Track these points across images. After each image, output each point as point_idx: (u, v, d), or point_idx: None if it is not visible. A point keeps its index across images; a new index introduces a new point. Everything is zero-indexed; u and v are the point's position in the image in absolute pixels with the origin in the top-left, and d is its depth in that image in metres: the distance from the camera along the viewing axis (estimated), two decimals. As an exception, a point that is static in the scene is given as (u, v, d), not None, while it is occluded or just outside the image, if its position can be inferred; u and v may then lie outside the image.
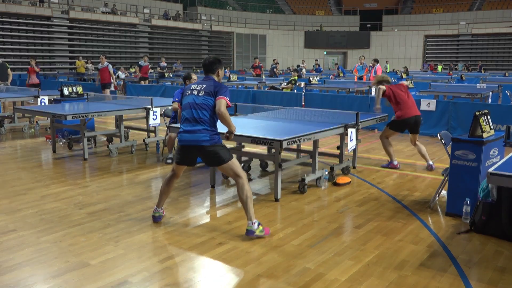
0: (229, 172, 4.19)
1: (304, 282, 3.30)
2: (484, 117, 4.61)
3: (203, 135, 4.08)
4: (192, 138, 4.10)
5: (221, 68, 4.33)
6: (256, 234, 4.05)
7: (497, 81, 16.43)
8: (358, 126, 5.91)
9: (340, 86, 14.94)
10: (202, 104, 4.11)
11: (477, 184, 4.44)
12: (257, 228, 4.06)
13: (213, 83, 4.19)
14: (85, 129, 7.33)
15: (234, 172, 4.17)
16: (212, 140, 4.10)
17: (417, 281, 3.33)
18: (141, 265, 3.56)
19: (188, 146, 4.17)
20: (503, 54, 36.43)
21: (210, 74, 4.30)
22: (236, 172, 4.17)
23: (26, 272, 3.43)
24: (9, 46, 25.19)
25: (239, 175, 4.15)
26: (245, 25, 40.97)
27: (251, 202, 4.12)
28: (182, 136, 4.17)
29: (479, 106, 9.28)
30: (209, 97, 4.12)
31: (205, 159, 4.25)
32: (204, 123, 4.10)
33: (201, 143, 4.08)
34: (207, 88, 4.16)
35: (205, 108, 4.11)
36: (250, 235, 4.06)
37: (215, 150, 4.12)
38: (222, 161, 4.14)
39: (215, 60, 4.33)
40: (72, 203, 5.06)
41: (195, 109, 4.13)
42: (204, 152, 4.14)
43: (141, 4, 33.46)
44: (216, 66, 4.30)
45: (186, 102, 4.22)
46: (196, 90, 4.19)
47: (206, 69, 4.30)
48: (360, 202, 5.17)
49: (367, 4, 44.36)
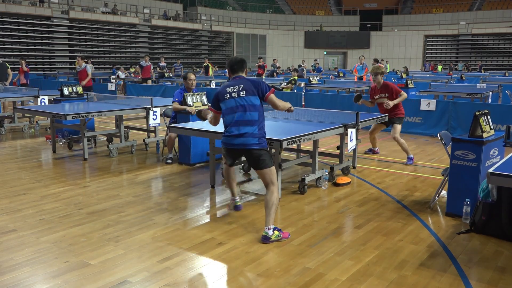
0: (266, 177, 4.17)
1: (304, 282, 3.30)
2: (484, 117, 4.61)
3: (251, 138, 4.09)
4: (241, 142, 4.11)
5: (247, 66, 4.42)
6: (273, 240, 3.98)
7: (497, 81, 16.43)
8: (358, 126, 5.90)
9: (340, 86, 14.95)
10: (248, 105, 4.11)
11: (477, 184, 4.43)
12: (273, 234, 4.00)
13: (249, 81, 4.21)
14: (85, 129, 7.33)
15: (270, 179, 4.16)
16: (260, 144, 4.12)
17: (417, 281, 3.33)
18: (141, 265, 3.56)
19: (236, 149, 4.21)
20: (503, 54, 36.45)
21: (239, 73, 4.30)
22: (272, 179, 4.17)
23: (26, 272, 3.43)
24: (9, 46, 25.20)
25: (274, 183, 4.17)
26: (245, 25, 40.98)
27: (275, 210, 4.08)
28: (230, 140, 4.16)
29: (479, 106, 9.28)
30: (253, 96, 4.13)
31: (250, 161, 4.26)
32: (253, 125, 4.10)
33: (250, 146, 4.09)
34: (245, 87, 4.15)
35: (251, 109, 4.11)
36: (265, 241, 3.97)
37: (261, 154, 4.12)
38: (265, 165, 4.14)
39: (242, 59, 4.42)
40: (72, 203, 5.07)
41: (242, 111, 4.10)
42: (251, 155, 4.15)
43: (141, 4, 33.48)
44: (245, 65, 4.37)
45: (229, 106, 4.15)
46: (235, 92, 4.16)
47: (235, 68, 4.30)
48: (360, 202, 5.17)
49: (367, 4, 44.37)
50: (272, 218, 4.04)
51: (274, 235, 4.00)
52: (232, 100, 4.14)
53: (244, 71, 4.34)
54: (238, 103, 4.12)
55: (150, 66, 18.32)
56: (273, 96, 4.22)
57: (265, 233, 4.00)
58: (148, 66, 18.03)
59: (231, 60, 4.36)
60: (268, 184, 4.18)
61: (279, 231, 4.05)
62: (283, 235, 4.06)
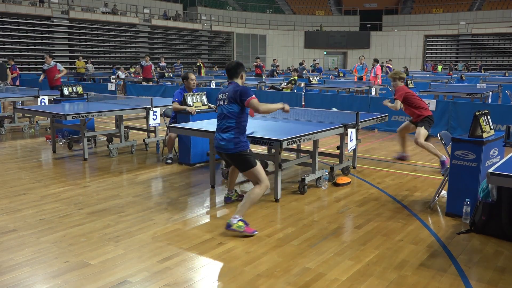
0: (251, 178, 4.41)
1: (304, 282, 3.30)
2: (484, 117, 4.61)
3: (228, 143, 4.30)
4: (221, 146, 4.36)
5: (244, 71, 4.45)
6: (233, 228, 4.12)
7: (497, 81, 16.43)
8: (358, 126, 5.90)
9: (340, 86, 14.95)
10: (228, 113, 4.31)
11: (477, 184, 4.43)
12: (236, 223, 4.12)
13: (233, 88, 4.30)
14: (85, 129, 7.33)
15: (255, 179, 4.35)
16: (237, 148, 4.29)
17: (417, 281, 3.33)
18: (141, 265, 3.56)
19: (220, 152, 4.48)
20: (503, 54, 36.45)
21: (234, 78, 4.40)
22: (258, 178, 4.32)
23: (26, 272, 3.43)
24: (9, 46, 25.20)
25: (259, 182, 4.32)
26: (245, 25, 40.98)
27: (250, 204, 4.27)
28: (216, 143, 4.45)
29: (479, 106, 9.28)
30: (233, 104, 4.28)
31: (233, 164, 4.58)
32: (230, 131, 4.30)
33: (228, 151, 4.33)
34: (229, 95, 4.30)
35: (230, 117, 4.30)
36: (227, 228, 4.14)
37: (241, 157, 4.32)
38: (246, 167, 4.33)
39: (238, 64, 4.46)
40: (72, 203, 5.07)
41: (224, 118, 4.35)
42: (231, 158, 4.42)
43: (141, 4, 33.48)
44: (240, 70, 4.41)
45: (218, 112, 4.46)
46: (222, 100, 4.39)
47: (230, 74, 4.41)
48: (360, 202, 5.17)
49: (367, 4, 44.37)
50: (242, 211, 4.21)
51: (236, 224, 4.12)
52: (220, 107, 4.42)
53: (239, 76, 4.41)
54: (222, 110, 4.37)
55: (151, 66, 18.09)
56: (254, 101, 4.23)
57: (229, 220, 4.16)
58: (148, 66, 17.87)
59: (227, 66, 4.48)
60: (254, 183, 4.40)
61: (244, 224, 4.16)
62: (246, 228, 4.16)
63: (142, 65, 18.31)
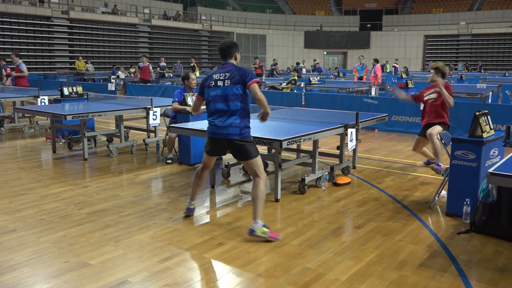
0: (251, 168, 4.16)
1: (304, 282, 3.30)
2: (484, 117, 4.61)
3: (233, 129, 4.06)
4: (223, 131, 4.08)
5: (238, 51, 4.25)
6: (257, 234, 3.97)
7: (497, 81, 16.42)
8: (358, 126, 5.90)
9: (340, 86, 14.95)
10: (232, 94, 4.05)
11: (477, 184, 4.43)
12: (259, 228, 3.98)
13: (236, 70, 4.10)
14: (85, 129, 7.33)
15: (255, 170, 4.13)
16: (242, 135, 4.09)
17: (417, 281, 3.33)
18: (141, 265, 3.56)
19: (218, 139, 4.15)
20: (503, 54, 36.44)
21: (228, 59, 4.20)
22: (258, 170, 4.13)
23: (26, 272, 3.43)
24: (9, 46, 25.18)
25: (259, 174, 4.13)
26: (245, 25, 40.98)
27: (263, 203, 4.07)
28: (213, 129, 4.14)
29: (479, 106, 9.28)
30: (237, 85, 4.04)
31: (233, 152, 4.23)
32: (235, 114, 4.06)
33: (231, 136, 4.07)
34: (231, 75, 4.07)
35: (234, 99, 4.05)
36: (251, 235, 4.00)
37: (245, 145, 4.10)
38: (248, 156, 4.12)
39: (232, 43, 4.27)
40: (72, 203, 5.06)
41: (225, 100, 4.06)
42: (233, 146, 4.12)
43: (141, 4, 33.47)
44: (234, 50, 4.20)
45: (213, 94, 4.11)
46: (221, 80, 4.10)
47: (223, 53, 4.20)
48: (360, 203, 5.17)
49: (367, 4, 44.36)
50: (260, 213, 4.02)
51: (260, 230, 3.97)
52: (218, 88, 4.10)
53: (233, 56, 4.20)
54: (223, 92, 4.07)
55: (149, 67, 17.66)
56: (255, 86, 4.06)
57: (251, 226, 3.99)
58: (146, 66, 17.44)
59: (220, 44, 4.26)
60: (254, 176, 4.16)
61: (267, 229, 4.02)
62: (270, 234, 4.01)
63: (139, 66, 17.87)
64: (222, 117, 4.08)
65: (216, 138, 4.17)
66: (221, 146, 4.23)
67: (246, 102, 4.12)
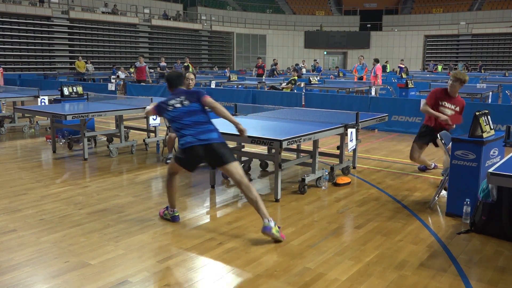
0: (234, 173, 4.15)
1: (304, 282, 3.30)
2: (484, 117, 4.61)
3: (212, 133, 4.19)
4: (204, 137, 4.14)
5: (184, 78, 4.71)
6: (272, 232, 3.92)
7: (497, 81, 16.42)
8: (358, 126, 5.90)
9: (340, 86, 14.95)
10: (194, 110, 4.27)
11: (477, 184, 4.43)
12: (275, 227, 3.96)
13: (187, 92, 4.43)
14: (85, 129, 7.33)
15: (239, 174, 4.14)
16: (220, 139, 4.23)
17: (417, 281, 3.33)
18: (141, 265, 3.56)
19: (197, 146, 4.12)
20: (503, 54, 36.44)
21: (179, 86, 4.52)
22: (241, 174, 4.16)
23: (26, 272, 3.43)
24: (9, 46, 25.20)
25: (243, 177, 4.15)
26: (245, 25, 40.98)
27: (262, 202, 4.08)
28: (191, 138, 4.14)
29: (479, 106, 9.27)
30: (195, 103, 4.30)
31: (212, 159, 4.22)
32: (207, 123, 4.26)
33: (213, 141, 4.14)
34: (186, 97, 4.34)
35: (198, 113, 4.28)
36: (267, 231, 3.93)
37: (225, 148, 4.21)
38: (227, 160, 4.15)
39: (179, 74, 4.67)
40: (72, 203, 5.06)
41: (192, 115, 4.25)
42: (213, 150, 4.13)
43: (141, 4, 33.48)
44: (182, 78, 4.61)
45: (177, 113, 4.27)
46: (179, 102, 4.32)
47: (175, 83, 4.50)
48: (360, 202, 5.17)
49: (367, 4, 44.37)
50: (265, 211, 4.04)
51: (275, 228, 3.95)
52: (177, 110, 4.29)
53: (183, 84, 4.62)
54: (185, 110, 4.27)
55: (145, 67, 17.19)
56: (208, 98, 4.30)
57: (266, 223, 3.95)
58: (142, 67, 17.02)
59: (169, 76, 4.57)
60: (239, 181, 4.14)
61: (279, 229, 4.03)
62: (281, 234, 4.03)
63: (136, 66, 17.51)
64: (197, 126, 4.21)
65: (194, 146, 4.13)
66: (198, 155, 4.17)
67: (208, 115, 4.35)
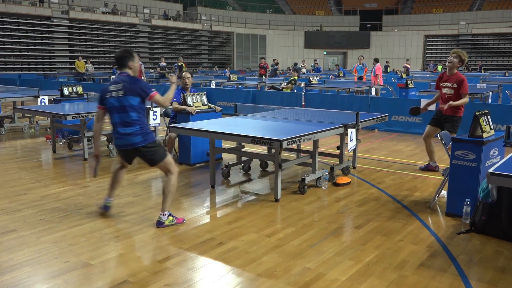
0: (163, 169, 4.37)
1: (304, 282, 3.30)
2: (484, 117, 4.61)
3: (135, 137, 4.19)
4: (127, 142, 4.21)
5: (132, 60, 4.29)
6: (166, 224, 4.28)
7: (497, 81, 16.42)
8: (358, 126, 5.90)
9: (340, 86, 14.95)
10: (127, 106, 4.15)
11: (477, 184, 4.43)
12: (167, 219, 4.28)
13: (129, 81, 4.19)
14: (85, 129, 7.33)
15: (167, 169, 4.34)
16: (146, 141, 4.22)
17: (417, 281, 3.33)
18: (141, 265, 3.56)
19: (126, 150, 4.30)
20: (503, 54, 36.44)
21: (123, 68, 4.29)
22: (169, 169, 4.33)
23: (26, 272, 3.43)
24: (9, 46, 25.20)
25: (172, 171, 4.33)
26: (245, 25, 40.97)
27: (171, 197, 4.35)
28: (117, 141, 4.28)
29: (479, 106, 9.27)
30: (131, 97, 4.15)
31: (143, 159, 4.36)
32: (134, 125, 4.18)
33: (137, 145, 4.20)
34: (125, 87, 4.16)
35: (130, 110, 4.17)
36: (160, 226, 4.26)
37: (150, 150, 4.25)
38: (158, 160, 4.29)
39: (125, 53, 4.30)
40: (72, 203, 5.06)
41: (122, 112, 4.17)
42: (140, 153, 4.28)
43: (141, 4, 33.47)
44: (127, 60, 4.26)
45: (110, 105, 4.22)
46: (115, 91, 4.19)
47: (118, 63, 4.32)
48: (360, 202, 5.17)
49: (367, 4, 44.36)
50: (168, 205, 4.31)
51: (168, 220, 4.24)
52: (113, 99, 4.20)
53: (127, 65, 4.26)
54: (118, 103, 4.18)
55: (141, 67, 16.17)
56: (157, 96, 4.26)
57: (159, 218, 4.28)
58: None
59: (116, 55, 4.34)
60: (166, 173, 4.36)
61: (173, 217, 4.34)
62: (177, 220, 4.30)
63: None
64: (123, 128, 4.19)
65: (123, 150, 4.31)
66: (130, 155, 4.38)
67: (142, 113, 4.27)
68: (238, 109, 6.80)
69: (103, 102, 4.28)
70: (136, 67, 4.32)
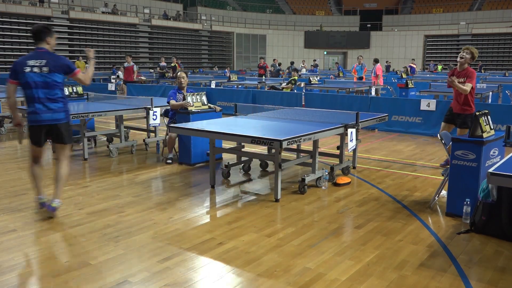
0: (64, 152, 4.55)
1: (304, 282, 3.30)
2: (484, 117, 4.61)
3: (59, 114, 4.32)
4: (49, 117, 4.28)
5: (50, 36, 4.36)
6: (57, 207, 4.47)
7: (497, 81, 16.41)
8: (358, 126, 5.90)
9: (340, 86, 14.94)
10: (51, 83, 4.24)
11: (477, 184, 4.43)
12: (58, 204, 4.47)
13: (52, 57, 4.30)
14: (85, 129, 7.33)
15: (67, 154, 4.57)
16: (67, 119, 4.40)
17: (417, 281, 3.33)
18: (141, 265, 3.56)
19: (43, 126, 4.31)
20: (503, 54, 36.44)
21: (42, 44, 4.32)
22: (67, 154, 4.59)
23: (26, 272, 3.43)
24: (9, 46, 25.20)
25: (67, 157, 4.59)
26: (245, 25, 40.99)
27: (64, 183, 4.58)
28: (39, 116, 4.27)
29: (479, 106, 9.26)
30: (57, 74, 4.26)
31: (55, 135, 4.45)
32: (58, 101, 4.31)
33: (59, 121, 4.32)
34: (49, 63, 4.23)
35: (55, 87, 4.27)
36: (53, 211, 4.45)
37: (68, 130, 4.44)
38: (68, 140, 4.51)
39: (44, 28, 4.37)
40: (72, 203, 5.06)
41: (46, 88, 4.24)
42: (58, 129, 4.39)
43: (141, 4, 33.48)
44: (45, 35, 4.33)
45: (29, 80, 4.21)
46: (37, 67, 4.22)
47: (34, 38, 4.34)
48: (360, 202, 5.17)
49: (367, 4, 44.38)
50: (61, 193, 4.54)
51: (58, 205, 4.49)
52: (34, 74, 4.20)
53: (45, 40, 4.32)
54: (41, 79, 4.21)
55: (133, 67, 16.37)
56: (80, 74, 4.44)
57: (53, 204, 4.42)
58: (130, 67, 16.31)
59: (33, 28, 4.35)
60: (62, 158, 4.55)
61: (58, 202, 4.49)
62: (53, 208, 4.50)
63: (124, 66, 16.75)
64: (46, 103, 4.25)
65: (39, 126, 4.32)
66: (46, 132, 4.41)
67: (63, 89, 4.41)
68: (238, 109, 6.81)
69: (17, 77, 4.27)
70: (53, 44, 4.37)
